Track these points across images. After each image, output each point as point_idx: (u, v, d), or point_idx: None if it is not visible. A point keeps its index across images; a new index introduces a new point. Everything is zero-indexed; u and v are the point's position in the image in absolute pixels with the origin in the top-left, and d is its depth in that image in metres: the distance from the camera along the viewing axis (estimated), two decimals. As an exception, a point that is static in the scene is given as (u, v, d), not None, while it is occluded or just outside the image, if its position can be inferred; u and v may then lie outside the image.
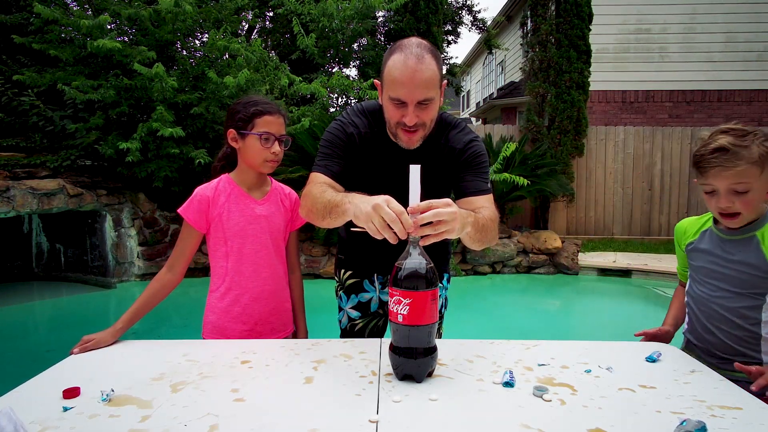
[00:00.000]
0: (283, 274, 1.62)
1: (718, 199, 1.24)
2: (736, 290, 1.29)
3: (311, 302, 1.72)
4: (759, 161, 1.17)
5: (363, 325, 1.66)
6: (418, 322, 1.01)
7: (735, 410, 0.93)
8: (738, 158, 1.17)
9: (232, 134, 1.51)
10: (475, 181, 1.42)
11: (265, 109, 1.49)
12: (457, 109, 23.37)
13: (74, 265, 5.59)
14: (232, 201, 1.52)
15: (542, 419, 0.89)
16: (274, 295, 1.57)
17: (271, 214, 1.57)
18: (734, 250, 1.29)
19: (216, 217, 1.51)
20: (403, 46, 1.26)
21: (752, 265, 1.25)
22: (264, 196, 1.58)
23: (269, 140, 1.49)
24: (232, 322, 1.52)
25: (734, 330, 1.29)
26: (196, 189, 1.52)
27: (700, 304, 1.39)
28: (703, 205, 1.34)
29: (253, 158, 1.50)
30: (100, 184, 5.36)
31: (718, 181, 1.21)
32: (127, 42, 5.28)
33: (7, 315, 4.42)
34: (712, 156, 1.20)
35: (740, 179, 1.18)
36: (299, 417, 0.90)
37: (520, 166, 6.51)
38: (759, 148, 1.17)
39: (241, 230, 1.52)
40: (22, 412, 0.90)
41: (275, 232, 1.58)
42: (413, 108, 1.26)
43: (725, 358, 1.31)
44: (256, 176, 1.57)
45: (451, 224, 1.00)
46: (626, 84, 10.72)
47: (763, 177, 1.18)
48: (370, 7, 6.23)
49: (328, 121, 5.88)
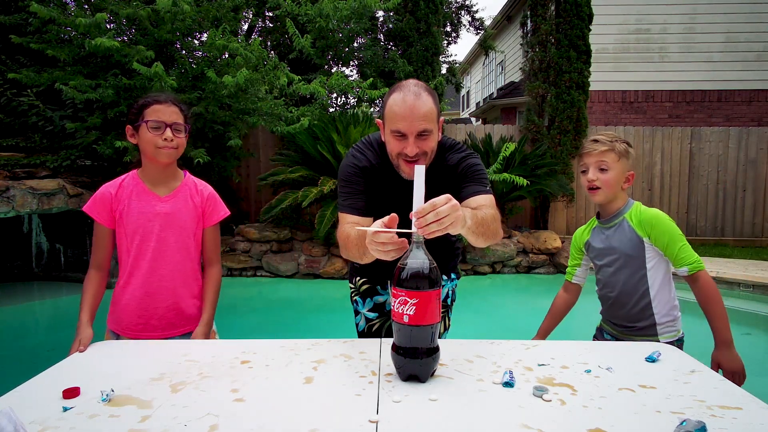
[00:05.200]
0: (189, 271, 1.61)
1: (587, 175, 1.65)
2: (624, 265, 1.63)
3: (311, 302, 1.72)
4: (618, 153, 1.61)
5: (380, 325, 1.76)
6: (423, 322, 1.02)
7: (735, 410, 0.93)
8: (604, 146, 1.61)
9: (130, 130, 1.54)
10: (472, 185, 1.49)
11: (153, 99, 1.52)
12: (457, 109, 23.36)
13: (74, 265, 5.59)
14: (134, 197, 1.55)
15: (542, 419, 0.89)
16: (172, 292, 1.57)
17: (176, 210, 1.57)
18: (612, 234, 1.66)
19: (118, 213, 1.54)
20: (402, 86, 1.39)
21: (629, 240, 1.61)
22: (170, 192, 1.58)
23: (159, 128, 1.49)
24: (129, 316, 1.56)
25: (632, 300, 1.63)
26: (100, 187, 1.57)
27: (601, 284, 1.73)
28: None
29: (147, 148, 1.51)
30: (100, 184, 5.34)
31: (589, 158, 1.64)
32: (126, 41, 5.27)
33: (7, 315, 4.42)
34: (589, 144, 1.65)
35: (603, 158, 1.61)
36: (299, 417, 0.90)
37: (520, 166, 6.51)
38: (620, 146, 1.62)
39: (140, 227, 1.54)
40: (22, 412, 0.90)
41: (179, 228, 1.57)
42: (413, 139, 1.36)
43: (625, 326, 1.67)
44: (159, 171, 1.56)
45: (453, 216, 1.02)
46: (626, 84, 10.72)
47: (619, 164, 1.61)
48: (366, 7, 6.22)
49: (328, 120, 5.88)
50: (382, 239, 1.04)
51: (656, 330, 1.61)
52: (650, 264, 1.59)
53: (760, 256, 6.74)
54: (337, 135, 5.65)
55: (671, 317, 1.61)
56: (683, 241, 1.55)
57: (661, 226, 1.56)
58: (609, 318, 1.73)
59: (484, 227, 1.27)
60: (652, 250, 1.59)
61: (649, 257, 1.60)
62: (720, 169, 7.93)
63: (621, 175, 1.62)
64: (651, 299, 1.60)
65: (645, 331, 1.62)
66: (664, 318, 1.60)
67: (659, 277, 1.60)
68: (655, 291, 1.60)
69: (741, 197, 7.95)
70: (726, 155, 7.91)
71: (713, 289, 1.52)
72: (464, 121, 18.81)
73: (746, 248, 7.58)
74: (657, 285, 1.60)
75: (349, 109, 7.06)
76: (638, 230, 1.59)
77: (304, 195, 5.29)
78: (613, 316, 1.70)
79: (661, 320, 1.60)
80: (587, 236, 1.77)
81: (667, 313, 1.61)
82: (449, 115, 20.35)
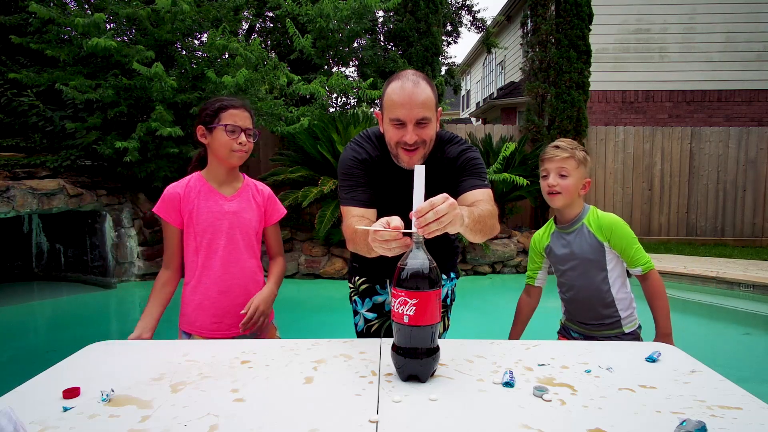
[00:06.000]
0: (255, 268, 1.67)
1: (547, 180, 1.69)
2: (587, 269, 1.69)
3: (311, 302, 1.72)
4: (577, 161, 1.67)
5: (379, 326, 1.75)
6: (423, 322, 1.02)
7: (735, 410, 0.93)
8: (565, 152, 1.66)
9: (201, 131, 1.59)
10: (470, 179, 1.49)
11: (229, 103, 1.58)
12: (457, 109, 23.35)
13: (74, 265, 5.59)
14: (202, 197, 1.59)
15: (542, 419, 0.89)
16: (243, 289, 1.61)
17: (241, 210, 1.63)
18: (573, 239, 1.72)
19: (187, 213, 1.57)
20: (400, 75, 1.39)
21: (589, 245, 1.68)
22: (234, 193, 1.64)
23: (235, 131, 1.55)
24: (203, 315, 1.59)
25: (597, 300, 1.70)
26: (166, 188, 1.60)
27: (565, 288, 1.77)
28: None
29: (220, 150, 1.57)
30: (100, 184, 5.36)
31: (551, 164, 1.69)
32: (125, 41, 5.27)
33: (7, 315, 4.42)
34: (551, 150, 1.70)
35: (563, 165, 1.67)
36: (299, 417, 0.90)
37: (520, 166, 6.51)
38: (580, 154, 1.68)
39: (210, 226, 1.58)
40: (22, 412, 0.90)
41: (245, 227, 1.63)
42: (412, 127, 1.37)
43: (592, 324, 1.73)
44: (225, 172, 1.63)
45: (451, 214, 1.03)
46: (626, 84, 10.72)
47: (578, 171, 1.67)
48: (367, 7, 6.22)
49: (328, 121, 5.87)
50: (385, 237, 1.04)
51: (621, 323, 1.71)
52: (610, 266, 1.68)
53: (760, 256, 6.74)
54: (337, 135, 5.65)
55: (631, 310, 1.72)
56: (637, 244, 1.67)
57: (618, 231, 1.65)
58: (575, 317, 1.79)
59: (481, 224, 1.28)
60: (611, 253, 1.68)
61: (608, 259, 1.68)
62: (720, 169, 7.93)
63: (579, 182, 1.69)
64: (614, 297, 1.69)
65: (611, 326, 1.71)
66: (626, 312, 1.71)
67: (617, 276, 1.70)
68: (616, 289, 1.69)
69: (741, 197, 7.95)
70: (726, 155, 7.91)
71: (661, 287, 1.65)
72: (464, 121, 18.82)
73: (746, 248, 7.58)
74: (617, 284, 1.69)
75: (349, 109, 7.06)
76: (598, 235, 1.67)
77: (304, 195, 5.29)
78: (580, 315, 1.76)
79: (624, 314, 1.70)
80: (547, 241, 1.82)
81: (628, 307, 1.71)
82: (449, 115, 20.34)
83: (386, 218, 1.07)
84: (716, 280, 5.03)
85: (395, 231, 1.04)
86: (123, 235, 5.37)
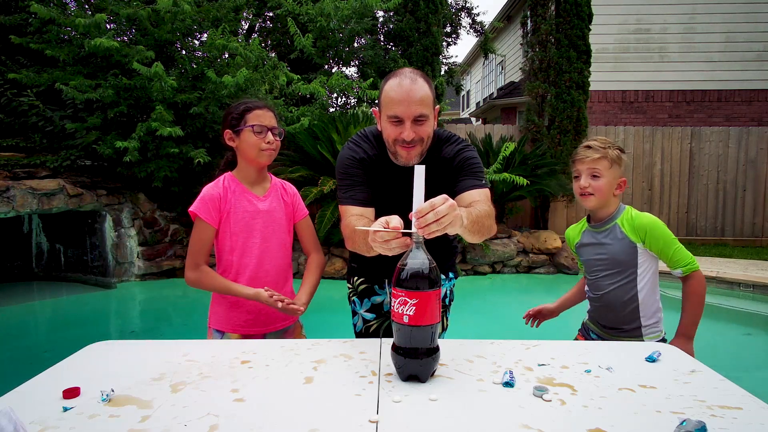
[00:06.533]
0: (286, 266, 1.71)
1: (579, 181, 1.65)
2: (615, 270, 1.64)
3: (311, 302, 1.72)
4: (610, 160, 1.61)
5: (377, 326, 1.75)
6: (423, 322, 1.02)
7: (735, 410, 0.93)
8: (597, 153, 1.61)
9: (229, 134, 1.62)
10: (468, 179, 1.49)
11: (254, 105, 1.61)
12: (457, 109, 23.35)
13: (74, 265, 5.59)
14: (237, 197, 1.62)
15: (542, 419, 0.89)
16: (277, 286, 1.63)
17: (273, 208, 1.66)
18: (606, 239, 1.66)
19: (225, 212, 1.60)
20: (398, 72, 1.39)
21: (620, 245, 1.63)
22: (265, 192, 1.68)
23: (262, 131, 1.59)
24: (237, 312, 1.62)
25: (620, 303, 1.64)
26: (203, 189, 1.61)
27: (593, 287, 1.73)
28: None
29: (249, 150, 1.60)
30: (100, 184, 5.36)
31: (582, 165, 1.64)
32: (126, 41, 5.27)
33: (7, 315, 4.42)
34: (582, 150, 1.65)
35: (595, 166, 1.61)
36: (299, 417, 0.90)
37: (520, 166, 6.51)
38: (613, 153, 1.62)
39: (246, 225, 1.61)
40: (22, 412, 0.90)
41: (277, 225, 1.67)
42: (410, 124, 1.37)
43: (611, 329, 1.68)
44: (256, 172, 1.66)
45: (451, 215, 1.03)
46: (626, 84, 10.72)
47: (611, 171, 1.62)
48: (367, 7, 6.23)
49: (328, 120, 5.88)
50: (385, 237, 1.04)
51: (641, 332, 1.64)
52: (640, 269, 1.62)
53: (760, 256, 6.74)
54: (337, 135, 5.65)
55: (656, 319, 1.65)
56: (677, 244, 1.59)
57: (654, 232, 1.58)
58: (596, 319, 1.75)
59: (478, 225, 1.29)
60: (645, 255, 1.62)
61: (640, 262, 1.62)
62: (720, 169, 7.93)
63: (613, 182, 1.63)
64: (639, 303, 1.62)
65: (631, 333, 1.65)
66: (650, 320, 1.63)
67: (647, 281, 1.63)
68: (643, 295, 1.62)
69: (741, 197, 7.95)
70: (726, 155, 7.91)
71: (699, 288, 1.58)
72: (464, 121, 18.81)
73: (746, 248, 7.58)
74: (645, 289, 1.62)
75: (349, 109, 7.06)
76: (631, 236, 1.61)
77: (304, 195, 5.28)
78: (601, 318, 1.72)
79: (647, 323, 1.63)
80: (578, 238, 1.78)
81: (652, 316, 1.64)
82: (449, 115, 20.33)
83: (385, 218, 1.07)
84: (716, 280, 5.03)
85: (395, 231, 1.04)
86: (123, 235, 5.37)
